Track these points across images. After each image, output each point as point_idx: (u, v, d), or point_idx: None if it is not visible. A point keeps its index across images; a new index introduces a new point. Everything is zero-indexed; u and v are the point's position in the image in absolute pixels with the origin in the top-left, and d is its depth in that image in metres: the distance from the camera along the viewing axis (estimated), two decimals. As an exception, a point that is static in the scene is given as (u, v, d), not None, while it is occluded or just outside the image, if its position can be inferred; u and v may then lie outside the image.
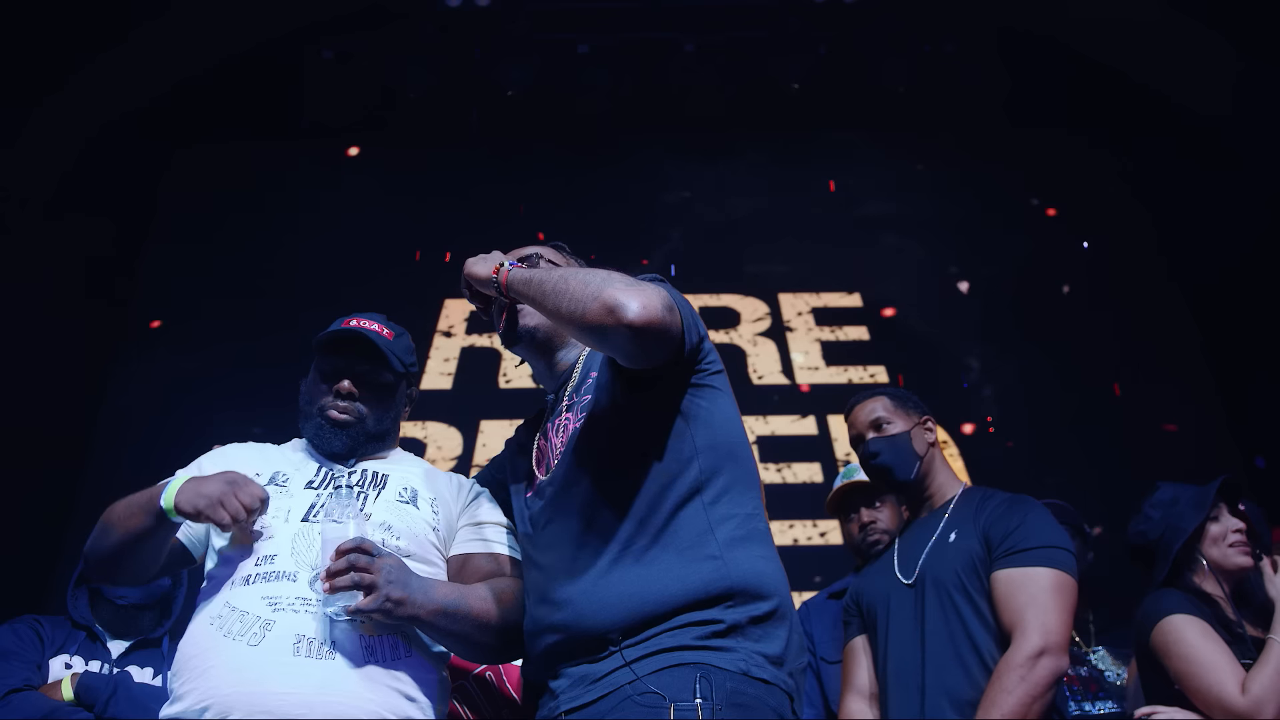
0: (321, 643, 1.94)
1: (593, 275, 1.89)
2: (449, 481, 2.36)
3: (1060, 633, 2.47)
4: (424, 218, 5.88)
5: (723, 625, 1.83)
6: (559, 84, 6.04)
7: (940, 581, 2.62)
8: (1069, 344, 5.37)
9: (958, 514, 2.74)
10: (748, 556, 1.91)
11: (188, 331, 5.35)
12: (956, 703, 2.50)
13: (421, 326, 5.64)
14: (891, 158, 5.89)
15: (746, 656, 1.82)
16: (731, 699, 1.76)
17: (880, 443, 2.85)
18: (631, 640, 1.83)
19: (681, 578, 1.86)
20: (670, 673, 1.78)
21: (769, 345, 5.68)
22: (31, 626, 3.02)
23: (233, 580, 2.06)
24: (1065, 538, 2.62)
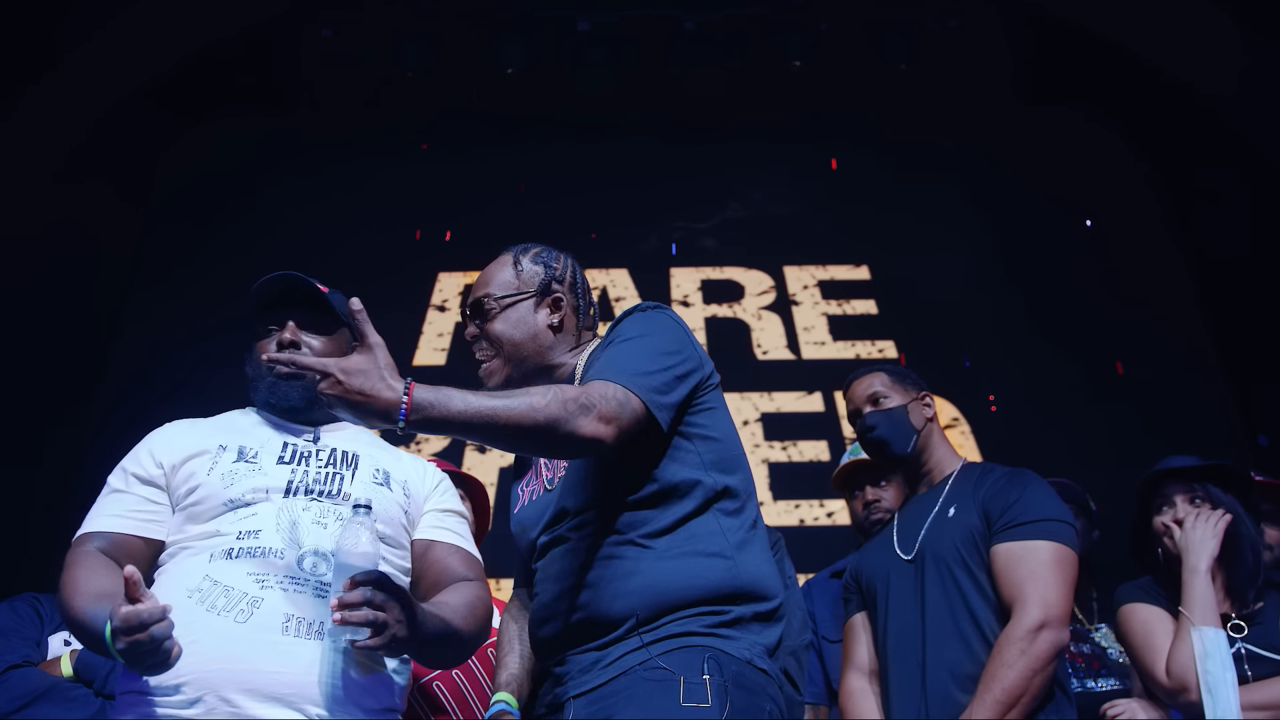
0: (310, 623, 1.93)
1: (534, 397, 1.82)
2: (414, 464, 2.35)
3: (1061, 606, 2.47)
4: (423, 196, 5.85)
5: (730, 616, 1.90)
6: (559, 62, 6.00)
7: (940, 556, 2.62)
8: (1072, 322, 5.35)
9: (957, 489, 2.73)
10: (754, 560, 1.99)
11: (186, 306, 5.33)
12: (957, 677, 2.50)
13: (414, 301, 5.61)
14: (894, 135, 5.86)
15: (750, 646, 1.89)
16: (738, 680, 1.83)
17: (877, 416, 2.85)
18: (646, 627, 1.88)
19: (697, 575, 1.92)
20: (680, 653, 1.84)
21: (774, 319, 5.63)
22: (30, 604, 3.01)
23: (212, 552, 2.00)
24: (1065, 511, 2.62)
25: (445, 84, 6.08)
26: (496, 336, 2.20)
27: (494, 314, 2.21)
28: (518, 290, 2.24)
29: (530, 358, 2.20)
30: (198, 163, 5.90)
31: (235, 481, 2.07)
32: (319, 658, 1.91)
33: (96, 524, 2.08)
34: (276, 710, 1.86)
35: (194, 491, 2.08)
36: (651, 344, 2.03)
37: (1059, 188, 5.74)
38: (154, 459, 2.15)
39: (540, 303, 2.23)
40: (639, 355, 1.99)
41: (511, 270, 2.27)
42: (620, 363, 1.97)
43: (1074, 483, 3.73)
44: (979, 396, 5.33)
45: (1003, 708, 2.38)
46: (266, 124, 5.97)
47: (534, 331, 2.21)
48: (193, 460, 2.13)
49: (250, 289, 2.24)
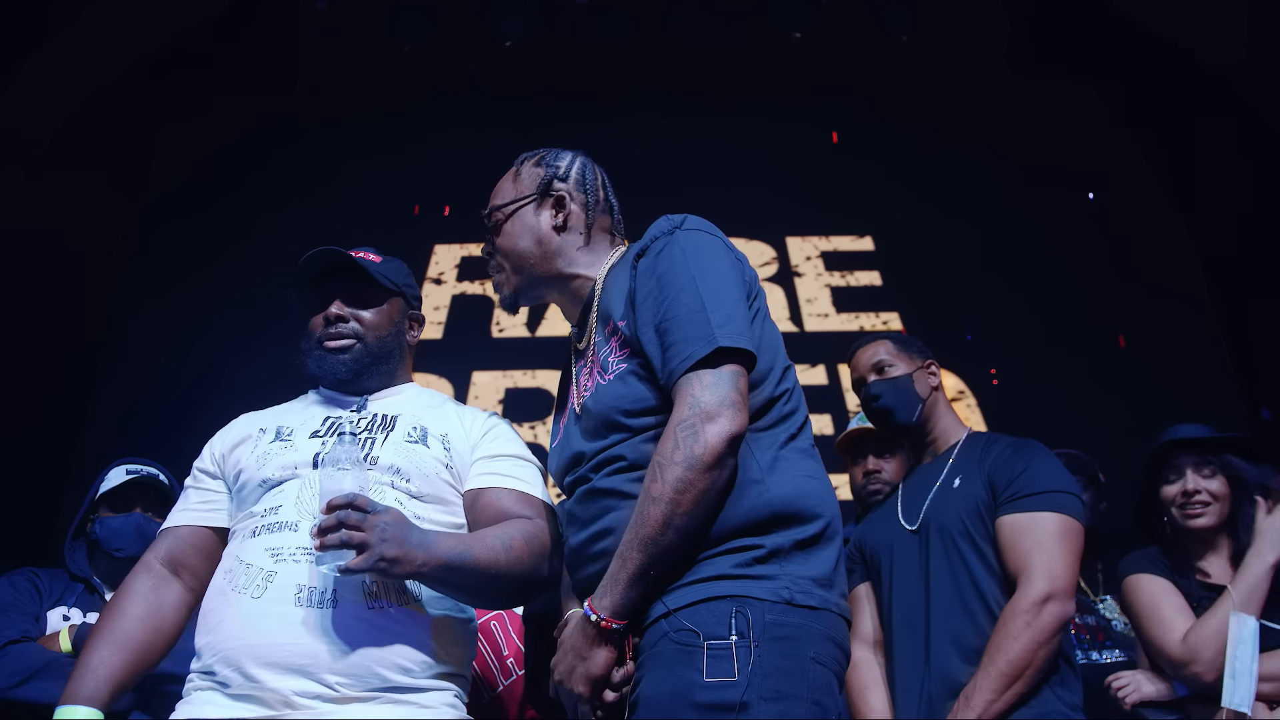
0: (323, 592, 1.92)
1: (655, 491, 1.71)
2: (462, 415, 2.29)
3: (1066, 578, 2.44)
4: (422, 171, 5.82)
5: (763, 550, 1.74)
6: (558, 35, 5.95)
7: (945, 527, 2.60)
8: (1074, 294, 5.33)
9: (962, 459, 2.71)
10: (791, 476, 1.82)
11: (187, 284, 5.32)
12: (962, 649, 2.48)
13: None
14: (895, 107, 5.81)
15: (790, 583, 1.73)
16: (771, 633, 1.68)
17: (882, 385, 2.82)
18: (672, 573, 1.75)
19: (724, 516, 1.76)
20: (706, 607, 1.70)
21: (776, 291, 5.61)
22: (29, 579, 3.01)
23: (244, 533, 2.06)
24: (1071, 482, 2.59)
25: (443, 58, 6.03)
26: (502, 248, 2.12)
27: (500, 225, 2.14)
28: (518, 196, 2.15)
29: (536, 265, 2.09)
30: (193, 139, 5.85)
31: (268, 461, 2.11)
32: (333, 626, 1.90)
33: (169, 521, 2.23)
34: (295, 681, 1.86)
35: (239, 476, 2.15)
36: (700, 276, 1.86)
37: (1061, 159, 5.70)
38: (211, 451, 2.26)
39: (541, 204, 2.13)
40: (693, 301, 1.82)
41: (513, 179, 2.19)
42: (683, 325, 1.81)
43: (1084, 454, 3.72)
44: (981, 369, 5.31)
45: (1007, 680, 2.36)
46: (261, 100, 5.92)
47: (537, 236, 2.10)
48: (240, 447, 2.20)
49: (298, 264, 2.26)
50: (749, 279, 1.97)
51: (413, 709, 1.93)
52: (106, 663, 2.01)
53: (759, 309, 1.97)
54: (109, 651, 2.02)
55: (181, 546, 2.17)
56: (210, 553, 2.15)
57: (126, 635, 2.05)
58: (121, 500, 3.09)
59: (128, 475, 3.10)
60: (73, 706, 1.95)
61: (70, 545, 3.11)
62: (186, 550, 2.16)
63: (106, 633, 2.05)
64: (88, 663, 2.01)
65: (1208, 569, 2.75)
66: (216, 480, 2.22)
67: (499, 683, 2.82)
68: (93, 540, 3.08)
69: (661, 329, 1.84)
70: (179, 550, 2.16)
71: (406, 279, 2.40)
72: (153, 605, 2.10)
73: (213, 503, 2.20)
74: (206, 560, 2.14)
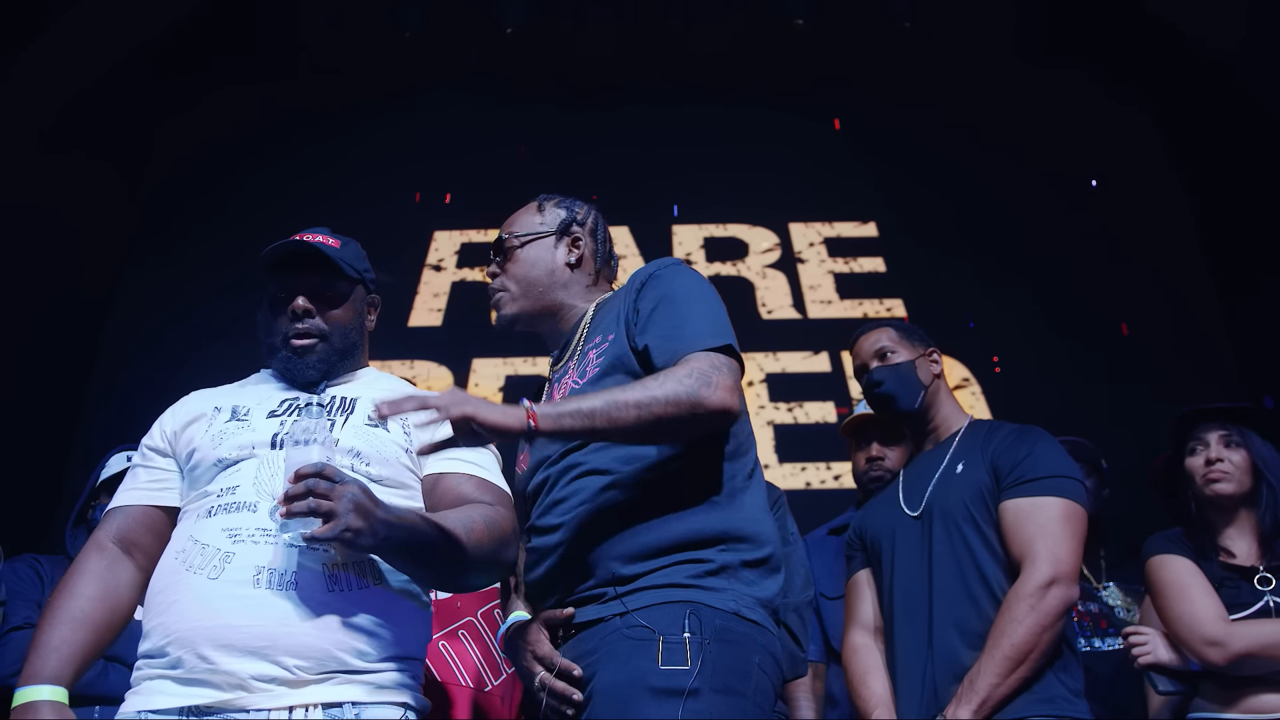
0: (282, 573, 1.90)
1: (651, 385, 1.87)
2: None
3: (1070, 562, 2.45)
4: (422, 158, 5.80)
5: (714, 565, 1.88)
6: (559, 21, 5.93)
7: (948, 512, 2.60)
8: (1077, 282, 5.31)
9: (964, 445, 2.72)
10: (748, 506, 1.98)
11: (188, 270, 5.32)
12: (965, 634, 2.48)
13: (410, 262, 5.59)
14: (898, 93, 5.79)
15: (737, 597, 1.87)
16: (720, 635, 1.81)
17: (884, 371, 2.82)
18: (627, 572, 1.88)
19: (682, 517, 1.91)
20: (661, 609, 1.83)
21: (779, 277, 5.59)
22: (30, 565, 3.02)
23: (198, 513, 2.03)
24: (1075, 467, 2.60)
25: (444, 45, 6.00)
26: (514, 274, 2.28)
27: (513, 250, 2.29)
28: (538, 228, 2.32)
29: (544, 293, 2.26)
30: (193, 125, 5.83)
31: (224, 440, 2.08)
32: (292, 608, 1.88)
33: (117, 500, 2.19)
34: (251, 664, 1.85)
35: (192, 455, 2.11)
36: (708, 299, 2.06)
37: (1064, 146, 5.68)
38: (162, 429, 2.21)
39: (559, 241, 2.30)
40: (707, 311, 2.02)
41: (535, 213, 2.35)
42: (696, 323, 1.99)
43: (1088, 441, 3.72)
44: (984, 356, 5.30)
45: (1011, 664, 2.37)
46: (261, 86, 5.89)
47: (550, 268, 2.27)
48: (192, 425, 2.16)
49: (261, 254, 2.22)
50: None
51: (369, 689, 1.92)
52: (68, 640, 1.97)
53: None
54: (69, 630, 1.98)
55: (133, 525, 2.13)
56: (161, 532, 2.11)
57: (85, 614, 2.01)
58: (122, 487, 3.09)
59: (129, 462, 3.08)
60: (36, 686, 1.91)
61: (71, 532, 3.11)
62: (138, 529, 2.12)
63: (63, 612, 2.00)
64: (47, 642, 1.96)
65: (1232, 549, 2.74)
66: (167, 459, 2.18)
67: (488, 682, 2.82)
68: (94, 528, 3.08)
69: (669, 332, 1.99)
70: (130, 529, 2.12)
71: (365, 263, 2.37)
72: (109, 584, 2.06)
73: (163, 481, 2.16)
74: (158, 540, 2.10)
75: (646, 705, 1.74)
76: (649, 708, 1.74)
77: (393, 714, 1.93)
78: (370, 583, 1.97)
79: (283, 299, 2.22)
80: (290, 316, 2.20)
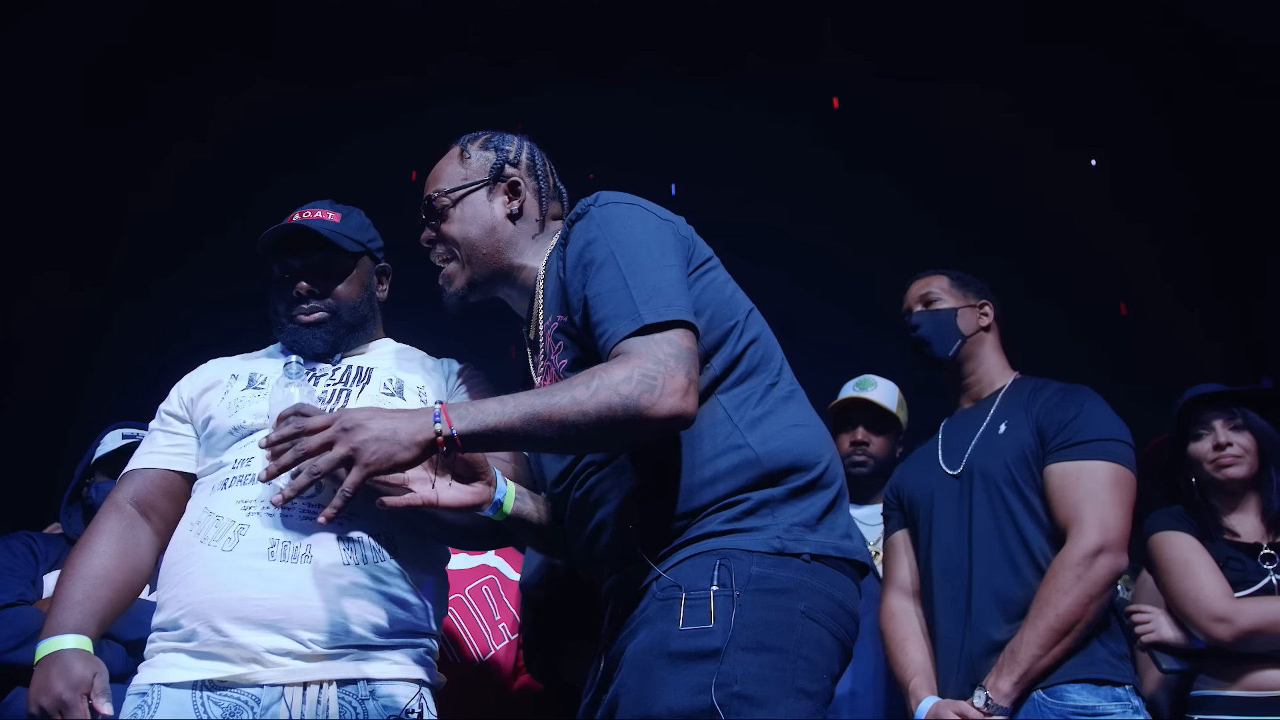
0: (297, 546, 1.89)
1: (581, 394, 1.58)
2: (437, 366, 2.28)
3: (1119, 530, 2.40)
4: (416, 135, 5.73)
5: (751, 502, 1.66)
6: (557, -4, 5.86)
7: (989, 474, 2.54)
8: (1076, 261, 5.29)
9: (1008, 404, 2.65)
10: (777, 429, 1.73)
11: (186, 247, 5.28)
12: (1003, 603, 2.43)
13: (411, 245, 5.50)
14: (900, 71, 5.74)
15: (782, 532, 1.64)
16: (756, 583, 1.59)
17: (923, 316, 2.78)
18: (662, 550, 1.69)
19: (708, 480, 1.69)
20: (690, 563, 1.64)
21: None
22: (25, 542, 3.00)
23: (213, 484, 2.02)
24: (1124, 430, 2.54)
25: (439, 20, 5.94)
26: (451, 236, 2.04)
27: (446, 211, 2.05)
28: (466, 181, 2.06)
29: (490, 255, 2.01)
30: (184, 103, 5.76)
31: (240, 408, 2.08)
32: (306, 582, 1.87)
33: (134, 463, 2.18)
34: (266, 637, 1.83)
35: (209, 423, 2.11)
36: (640, 253, 1.74)
37: (1065, 124, 5.64)
38: (179, 395, 2.23)
39: (494, 190, 2.06)
40: (641, 273, 1.70)
41: (458, 161, 2.10)
42: (625, 298, 1.68)
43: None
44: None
45: (1056, 635, 2.31)
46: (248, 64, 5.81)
47: (491, 225, 2.02)
48: (209, 392, 2.18)
49: (261, 239, 2.22)
50: (683, 237, 1.86)
51: (384, 665, 1.91)
52: (91, 596, 1.95)
53: (704, 265, 1.85)
54: (90, 586, 1.97)
55: (150, 489, 2.12)
56: (178, 497, 2.11)
57: (107, 571, 2.00)
58: (118, 465, 3.05)
59: (124, 440, 3.09)
60: (60, 636, 1.89)
61: (66, 509, 3.10)
62: (155, 493, 2.12)
63: (84, 569, 1.99)
64: (70, 596, 1.94)
65: (1236, 528, 2.74)
66: (185, 424, 2.18)
67: (491, 647, 2.82)
68: (89, 505, 3.06)
69: (590, 320, 1.74)
70: (148, 492, 2.12)
71: (370, 233, 2.36)
72: (129, 544, 2.05)
73: (181, 446, 2.16)
74: (174, 504, 2.10)
75: (663, 672, 1.55)
76: (665, 674, 1.55)
77: (407, 691, 1.92)
78: (387, 557, 1.96)
79: (286, 280, 2.22)
80: (295, 298, 2.21)
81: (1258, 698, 2.53)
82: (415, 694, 1.93)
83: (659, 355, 1.60)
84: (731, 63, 5.85)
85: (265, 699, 1.83)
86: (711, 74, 5.81)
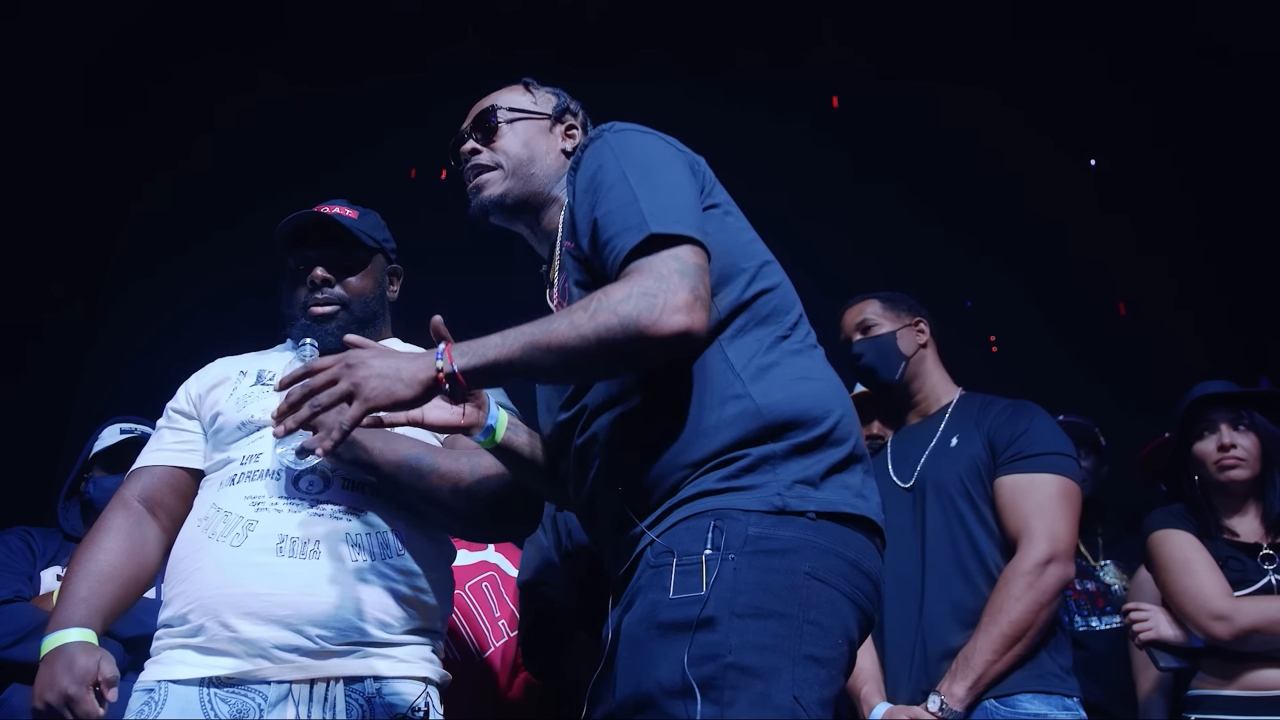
0: (305, 542, 1.89)
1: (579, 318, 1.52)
2: None
3: (1067, 540, 2.49)
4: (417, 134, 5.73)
5: (750, 458, 1.54)
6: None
7: (942, 486, 2.61)
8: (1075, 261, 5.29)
9: (958, 418, 2.73)
10: (782, 380, 1.61)
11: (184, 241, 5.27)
12: (957, 609, 2.49)
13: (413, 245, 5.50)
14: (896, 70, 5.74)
15: (783, 489, 1.52)
16: (755, 545, 1.47)
17: (864, 344, 2.83)
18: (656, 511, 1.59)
19: (704, 432, 1.58)
20: (683, 526, 1.53)
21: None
22: (22, 538, 3.00)
23: (221, 480, 2.03)
24: (1070, 444, 2.64)
25: (438, 20, 5.93)
26: (504, 149, 2.00)
27: (500, 126, 2.02)
28: (531, 108, 2.07)
29: (536, 178, 1.99)
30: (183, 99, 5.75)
31: (248, 404, 2.09)
32: (315, 577, 1.87)
33: (142, 460, 2.19)
34: (274, 633, 1.83)
35: (217, 419, 2.12)
36: (649, 167, 1.68)
37: (1063, 124, 5.64)
38: (187, 392, 2.24)
39: (553, 127, 2.06)
40: (649, 189, 1.64)
41: (524, 92, 2.10)
42: (631, 210, 1.61)
43: (1088, 419, 3.72)
44: (981, 336, 5.29)
45: (1009, 641, 2.38)
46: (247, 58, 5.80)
47: (545, 152, 2.01)
48: (217, 389, 2.19)
49: (276, 227, 2.23)
50: (700, 173, 1.81)
51: (391, 662, 1.91)
52: (96, 592, 1.95)
53: (718, 206, 1.80)
54: (96, 582, 1.97)
55: (158, 485, 2.13)
56: (185, 494, 2.12)
57: (113, 568, 2.00)
58: (116, 460, 3.07)
59: (122, 435, 3.09)
60: (64, 630, 1.89)
61: (64, 505, 3.10)
62: (162, 489, 2.13)
63: (91, 565, 1.99)
64: (75, 593, 1.95)
65: (1236, 528, 2.75)
66: (192, 420, 2.19)
67: (490, 643, 2.82)
68: (86, 500, 3.07)
69: (598, 241, 1.66)
70: (155, 489, 2.13)
71: (384, 233, 2.38)
72: (136, 541, 2.06)
73: (188, 443, 2.17)
74: (182, 501, 2.11)
75: (653, 645, 1.45)
76: (655, 647, 1.45)
77: (414, 689, 1.92)
78: (394, 554, 1.96)
79: (301, 270, 2.24)
80: (309, 287, 2.21)
81: (1255, 697, 2.54)
82: (422, 692, 1.93)
83: (662, 271, 1.53)
84: (731, 61, 5.85)
85: (272, 695, 1.83)
86: (711, 72, 5.81)
